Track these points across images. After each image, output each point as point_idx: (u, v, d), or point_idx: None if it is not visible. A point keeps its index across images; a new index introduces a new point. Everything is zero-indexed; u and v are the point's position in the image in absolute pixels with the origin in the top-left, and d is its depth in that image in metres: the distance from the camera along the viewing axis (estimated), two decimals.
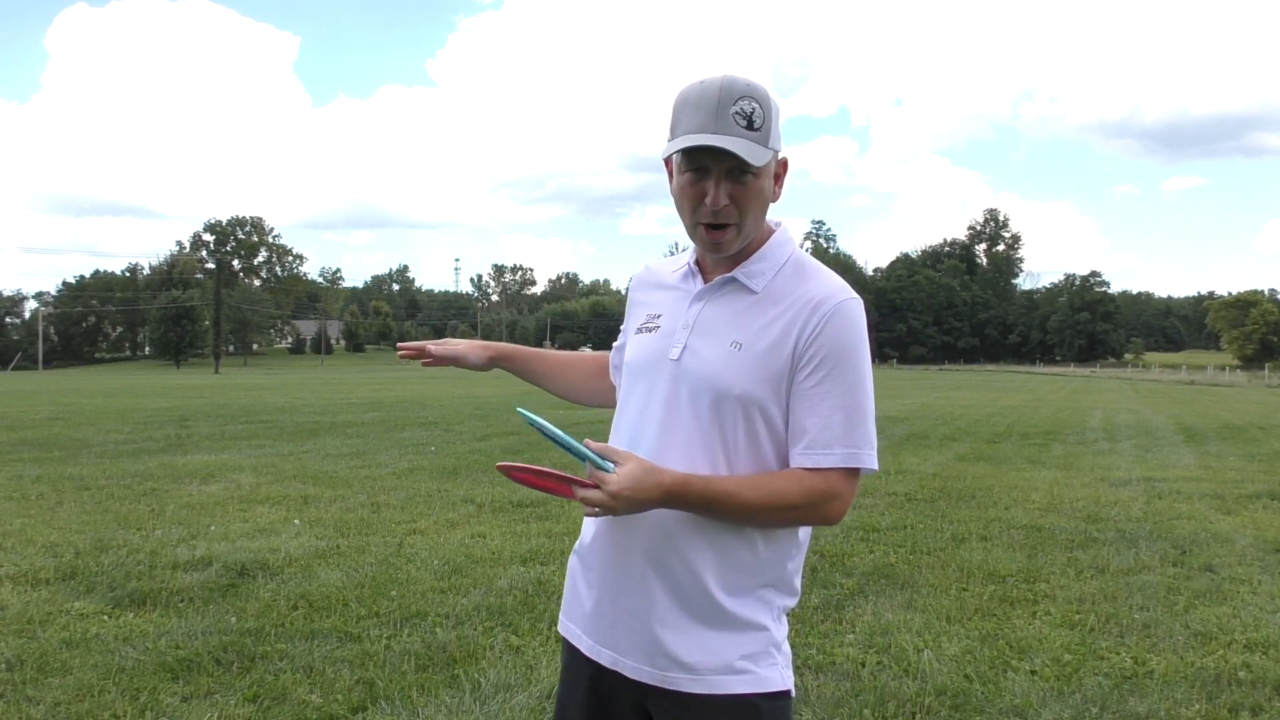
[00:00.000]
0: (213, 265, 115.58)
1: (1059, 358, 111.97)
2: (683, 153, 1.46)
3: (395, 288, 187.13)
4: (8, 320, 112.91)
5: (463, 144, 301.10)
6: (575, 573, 1.67)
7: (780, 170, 1.54)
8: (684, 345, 1.54)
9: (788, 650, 1.56)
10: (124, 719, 3.34)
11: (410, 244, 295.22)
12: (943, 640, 4.26)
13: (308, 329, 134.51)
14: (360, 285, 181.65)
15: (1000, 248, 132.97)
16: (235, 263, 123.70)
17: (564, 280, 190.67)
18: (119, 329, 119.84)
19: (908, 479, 9.37)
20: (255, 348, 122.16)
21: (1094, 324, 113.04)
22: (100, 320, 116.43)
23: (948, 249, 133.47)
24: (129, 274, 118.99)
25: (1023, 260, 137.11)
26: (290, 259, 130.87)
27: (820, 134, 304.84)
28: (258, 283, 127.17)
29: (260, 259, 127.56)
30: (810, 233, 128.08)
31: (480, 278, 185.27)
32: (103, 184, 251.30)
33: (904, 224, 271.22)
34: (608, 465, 1.38)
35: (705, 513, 1.46)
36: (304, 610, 4.61)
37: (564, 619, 1.68)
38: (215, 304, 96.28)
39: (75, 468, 9.86)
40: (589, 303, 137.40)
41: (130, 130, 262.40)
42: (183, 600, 4.78)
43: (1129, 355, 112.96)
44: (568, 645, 1.66)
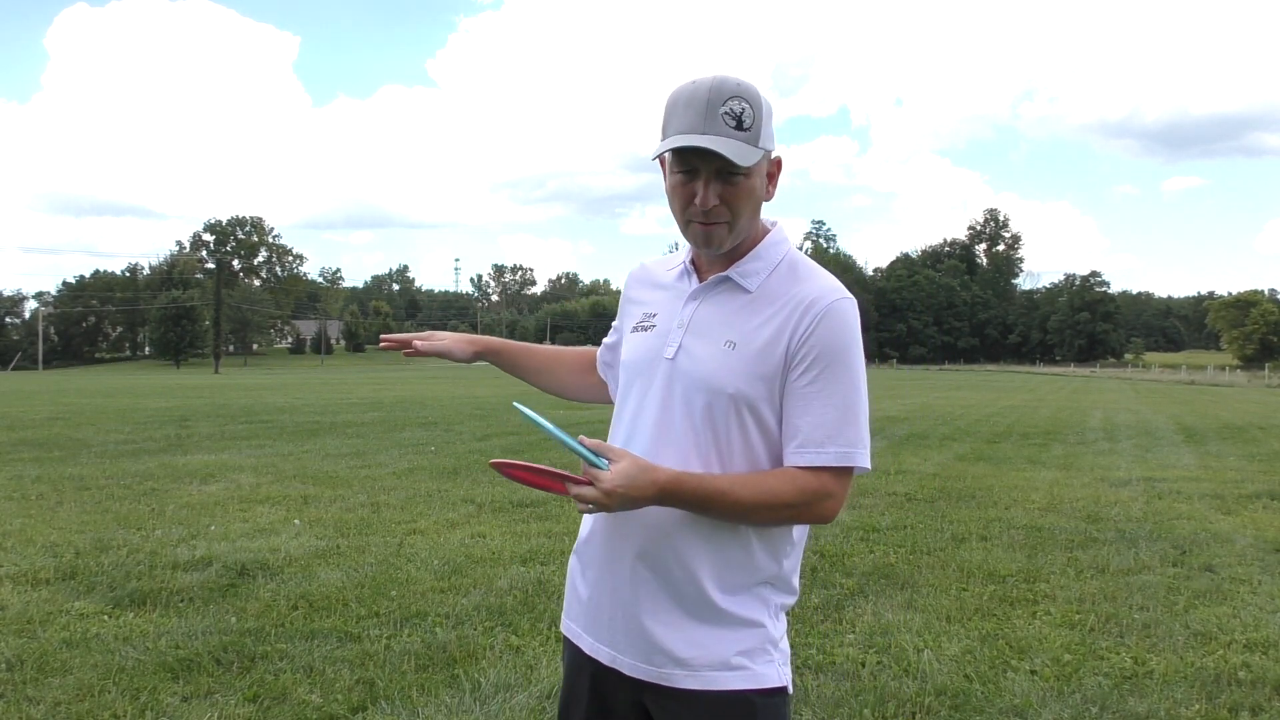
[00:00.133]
0: (213, 265, 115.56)
1: (1059, 358, 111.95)
2: (673, 152, 1.47)
3: (395, 288, 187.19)
4: (8, 320, 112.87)
5: (463, 144, 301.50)
6: (574, 572, 1.67)
7: (774, 169, 1.54)
8: (679, 345, 1.55)
9: (785, 648, 1.57)
10: (124, 719, 3.34)
11: (410, 244, 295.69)
12: (943, 640, 4.26)
13: (308, 329, 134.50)
14: (360, 285, 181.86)
15: (1000, 248, 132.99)
16: (235, 263, 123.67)
17: (564, 280, 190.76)
18: (119, 329, 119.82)
19: (908, 479, 9.37)
20: (255, 348, 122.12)
21: (1094, 324, 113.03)
22: (100, 320, 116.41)
23: (948, 249, 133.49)
24: (129, 274, 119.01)
25: (1023, 260, 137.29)
26: (290, 259, 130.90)
27: (820, 134, 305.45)
28: (258, 283, 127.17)
29: (260, 259, 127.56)
30: (810, 233, 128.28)
31: (480, 278, 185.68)
32: (103, 184, 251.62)
33: (904, 224, 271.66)
34: (602, 463, 1.38)
35: (699, 510, 1.46)
36: (304, 610, 4.61)
37: (565, 618, 1.69)
38: (215, 304, 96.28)
39: (75, 468, 9.86)
40: (589, 303, 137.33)
41: (130, 130, 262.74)
42: (183, 600, 4.78)
43: (1129, 355, 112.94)
44: (569, 644, 1.67)
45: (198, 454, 11.22)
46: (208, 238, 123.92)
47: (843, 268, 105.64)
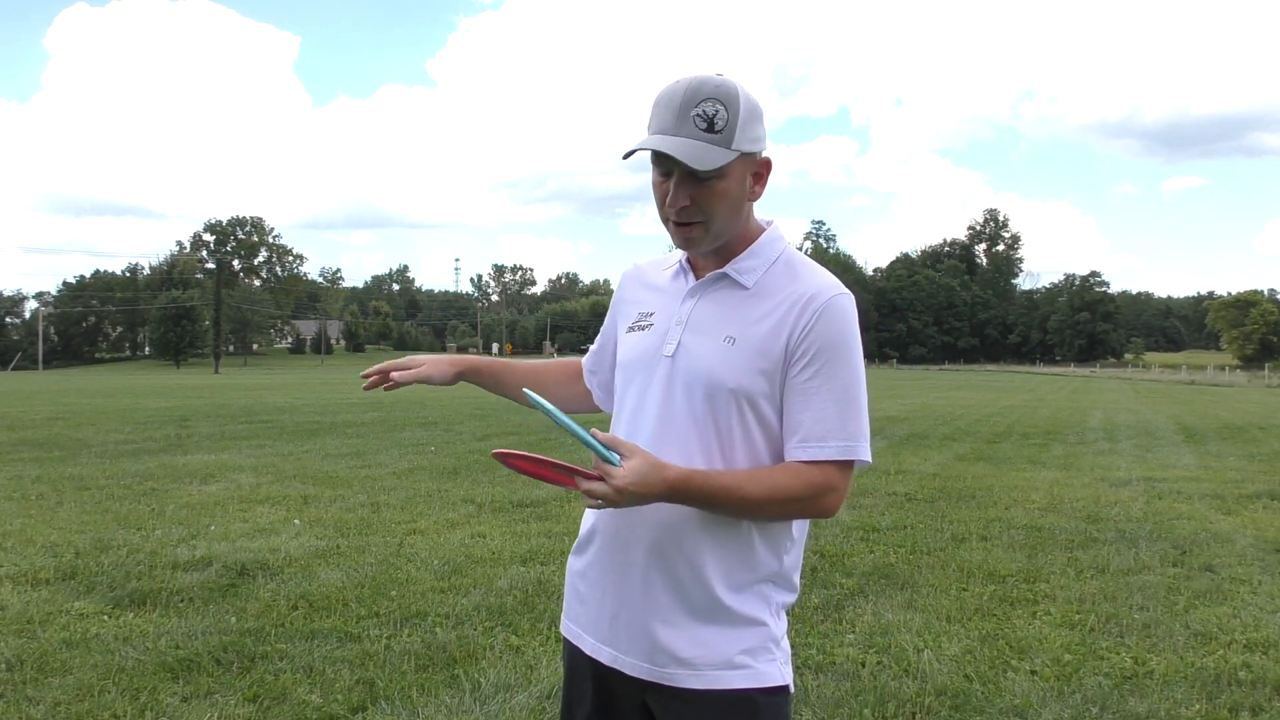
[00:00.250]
0: (213, 265, 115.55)
1: (1059, 358, 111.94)
2: (651, 151, 1.48)
3: (395, 288, 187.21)
4: (8, 320, 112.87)
5: (463, 144, 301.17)
6: (574, 573, 1.67)
7: (761, 170, 1.53)
8: (678, 342, 1.55)
9: (786, 647, 1.57)
10: (124, 719, 3.34)
11: (410, 244, 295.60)
12: (943, 640, 4.26)
13: (308, 329, 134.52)
14: (360, 285, 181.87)
15: (1000, 248, 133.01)
16: (235, 263, 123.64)
17: (564, 280, 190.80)
18: (119, 329, 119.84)
19: (908, 479, 9.37)
20: (255, 348, 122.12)
21: (1094, 324, 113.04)
22: (100, 320, 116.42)
23: (948, 249, 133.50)
24: (129, 274, 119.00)
25: (1023, 260, 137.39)
26: (290, 259, 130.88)
27: (820, 134, 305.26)
28: (258, 283, 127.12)
29: (260, 259, 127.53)
30: (810, 233, 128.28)
31: (480, 278, 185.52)
32: (103, 184, 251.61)
33: (904, 224, 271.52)
34: (614, 458, 1.37)
35: (707, 507, 1.47)
36: (304, 610, 4.61)
37: (565, 620, 1.69)
38: (215, 304, 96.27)
39: (75, 468, 9.86)
40: (589, 303, 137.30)
41: (130, 130, 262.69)
42: (183, 600, 4.78)
43: (1129, 355, 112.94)
44: (569, 646, 1.67)
45: (198, 454, 11.22)
46: (208, 238, 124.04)
47: (843, 268, 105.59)
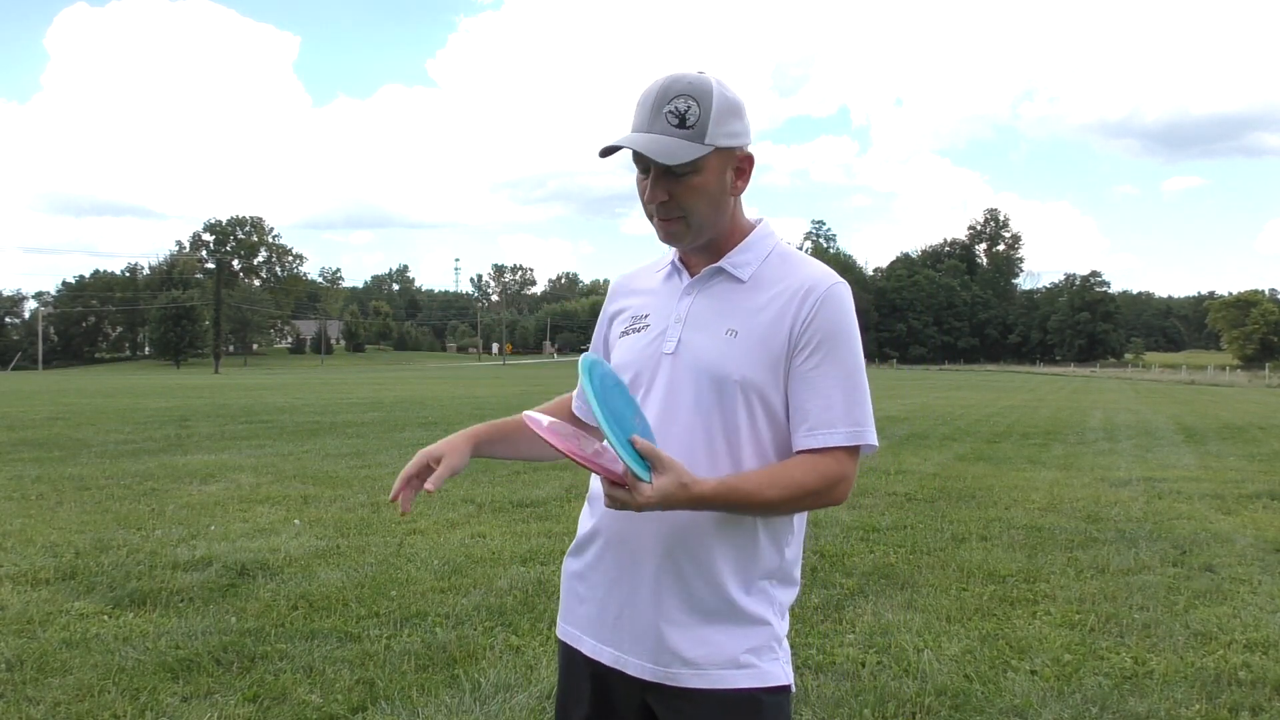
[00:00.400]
0: (213, 265, 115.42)
1: (1059, 358, 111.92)
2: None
3: (395, 288, 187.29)
4: (8, 320, 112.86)
5: (463, 144, 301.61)
6: (571, 575, 1.66)
7: (743, 164, 1.54)
8: (678, 339, 1.55)
9: (787, 646, 1.58)
10: (124, 719, 3.34)
11: (410, 244, 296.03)
12: (943, 640, 4.26)
13: (308, 329, 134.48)
14: (360, 285, 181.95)
15: (1000, 248, 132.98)
16: (235, 263, 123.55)
17: (564, 280, 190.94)
18: (119, 329, 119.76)
19: (908, 479, 9.37)
20: (255, 348, 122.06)
21: (1094, 324, 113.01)
22: (100, 320, 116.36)
23: (948, 249, 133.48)
24: (129, 274, 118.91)
25: (1023, 260, 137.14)
26: (290, 259, 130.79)
27: (820, 134, 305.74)
28: (258, 283, 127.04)
29: (260, 259, 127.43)
30: (810, 233, 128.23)
31: (480, 278, 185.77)
32: (103, 184, 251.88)
33: (904, 224, 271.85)
34: (645, 474, 1.33)
35: (727, 512, 1.48)
36: (304, 610, 4.61)
37: (562, 624, 1.67)
38: (215, 304, 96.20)
39: (75, 468, 9.86)
40: (589, 303, 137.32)
41: (130, 130, 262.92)
42: (183, 600, 4.78)
43: (1129, 355, 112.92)
44: (566, 649, 1.65)
45: (198, 454, 11.22)
46: (208, 238, 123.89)
47: (843, 268, 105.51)
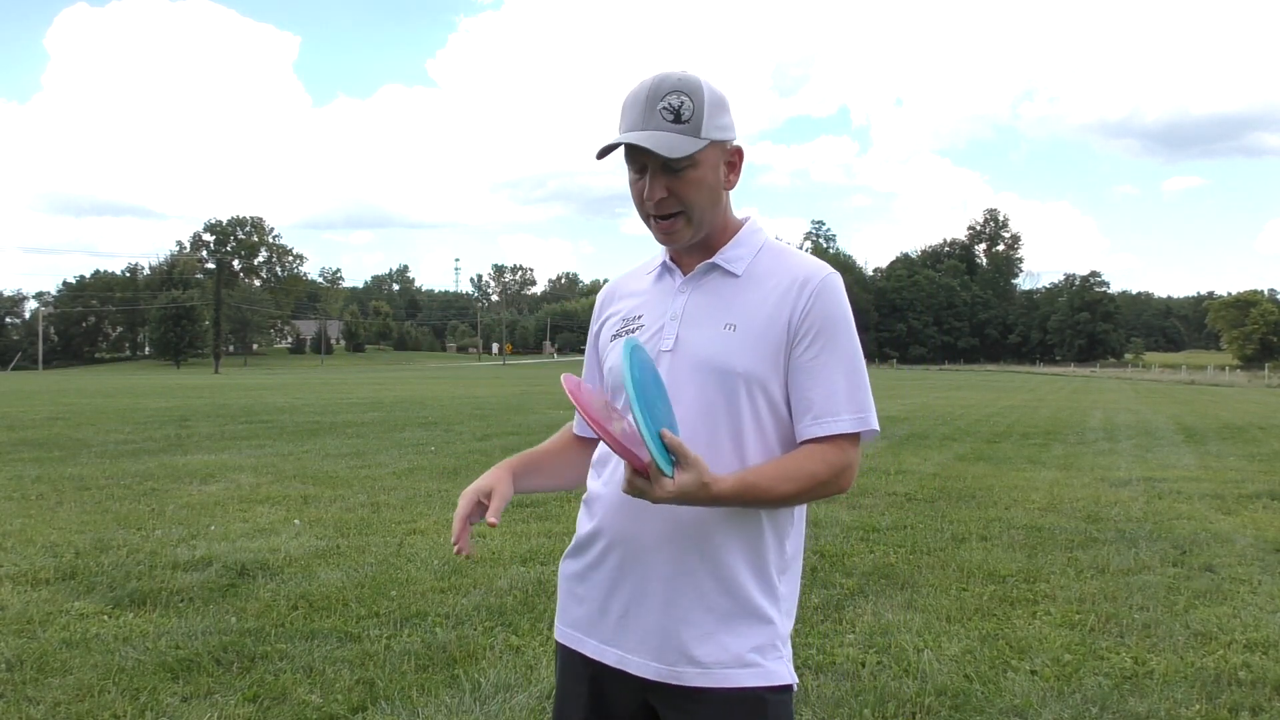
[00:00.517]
0: (213, 265, 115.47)
1: (1059, 358, 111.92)
2: (624, 153, 1.50)
3: (395, 288, 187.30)
4: (8, 320, 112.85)
5: (463, 144, 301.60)
6: (569, 576, 1.64)
7: (734, 158, 1.55)
8: (675, 336, 1.55)
9: (790, 646, 1.58)
10: (124, 719, 3.34)
11: (410, 244, 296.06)
12: (943, 640, 4.26)
13: (308, 329, 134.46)
14: (360, 285, 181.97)
15: (1000, 248, 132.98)
16: (235, 263, 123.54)
17: (564, 280, 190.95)
18: (119, 329, 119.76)
19: (908, 479, 9.37)
20: (255, 348, 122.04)
21: (1094, 324, 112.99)
22: (100, 320, 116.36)
23: (948, 249, 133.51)
24: (129, 274, 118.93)
25: (1023, 260, 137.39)
26: (290, 259, 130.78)
27: (820, 134, 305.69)
28: (258, 283, 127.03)
29: (260, 259, 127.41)
30: (810, 233, 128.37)
31: (480, 278, 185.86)
32: (103, 184, 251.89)
33: (904, 224, 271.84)
34: (669, 469, 1.33)
35: (740, 507, 1.48)
36: (304, 610, 4.61)
37: (560, 626, 1.65)
38: (215, 304, 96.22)
39: (75, 468, 9.86)
40: (589, 303, 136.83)
41: (130, 130, 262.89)
42: (183, 600, 4.78)
43: (1129, 355, 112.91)
44: (565, 651, 1.64)
45: (198, 454, 11.22)
46: (208, 238, 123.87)
47: (843, 268, 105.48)
